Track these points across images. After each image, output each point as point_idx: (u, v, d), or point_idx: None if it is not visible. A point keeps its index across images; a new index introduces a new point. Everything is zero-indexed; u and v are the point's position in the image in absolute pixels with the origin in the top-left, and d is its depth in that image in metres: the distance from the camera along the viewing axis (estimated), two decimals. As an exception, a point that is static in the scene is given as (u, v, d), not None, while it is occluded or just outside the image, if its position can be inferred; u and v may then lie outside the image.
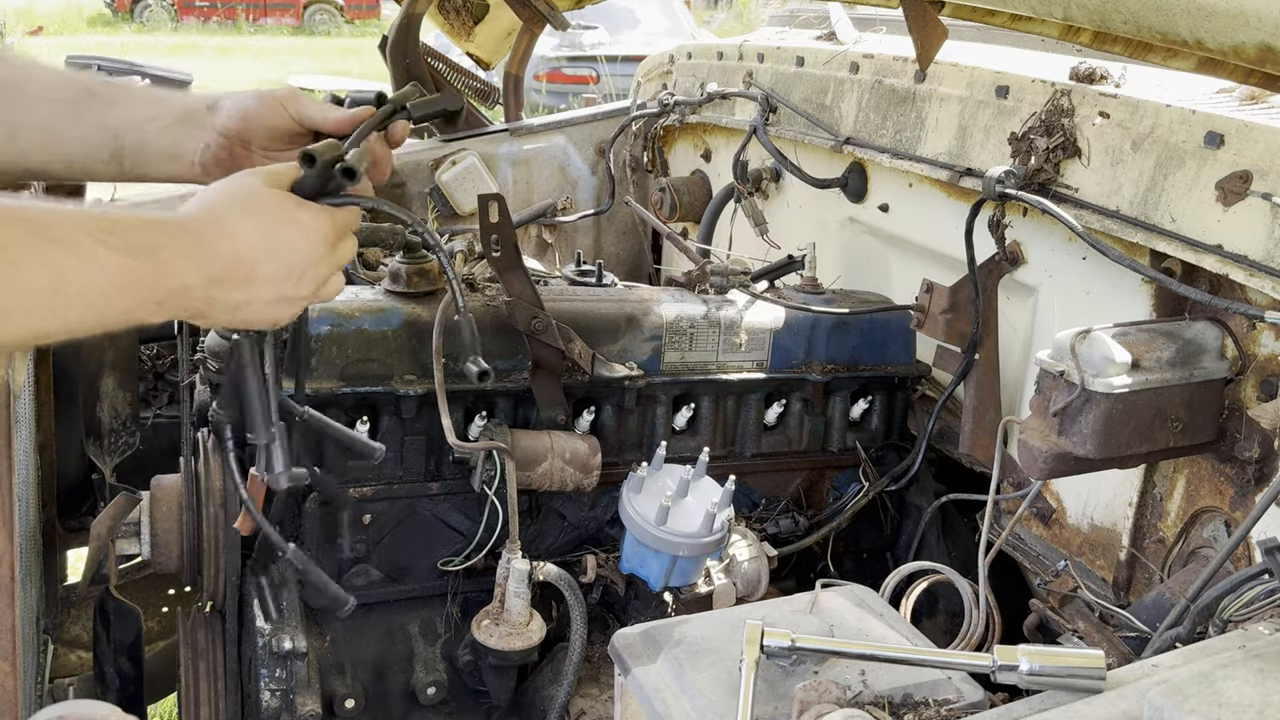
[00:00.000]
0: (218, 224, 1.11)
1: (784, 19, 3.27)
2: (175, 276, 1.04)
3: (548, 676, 1.94)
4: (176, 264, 1.05)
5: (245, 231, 1.12)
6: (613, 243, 3.47)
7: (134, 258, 0.99)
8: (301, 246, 1.18)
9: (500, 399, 1.99)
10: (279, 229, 1.16)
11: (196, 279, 1.07)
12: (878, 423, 2.33)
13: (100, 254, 0.96)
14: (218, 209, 1.13)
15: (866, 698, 1.12)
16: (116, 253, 0.98)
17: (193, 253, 1.07)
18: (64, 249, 0.93)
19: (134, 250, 1.00)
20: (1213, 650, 1.12)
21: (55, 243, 0.93)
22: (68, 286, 0.93)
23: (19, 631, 1.50)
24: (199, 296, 1.09)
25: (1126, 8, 1.40)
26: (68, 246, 0.94)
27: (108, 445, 2.33)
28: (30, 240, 0.91)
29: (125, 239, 0.99)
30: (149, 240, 1.03)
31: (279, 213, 1.16)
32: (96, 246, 0.96)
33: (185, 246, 1.07)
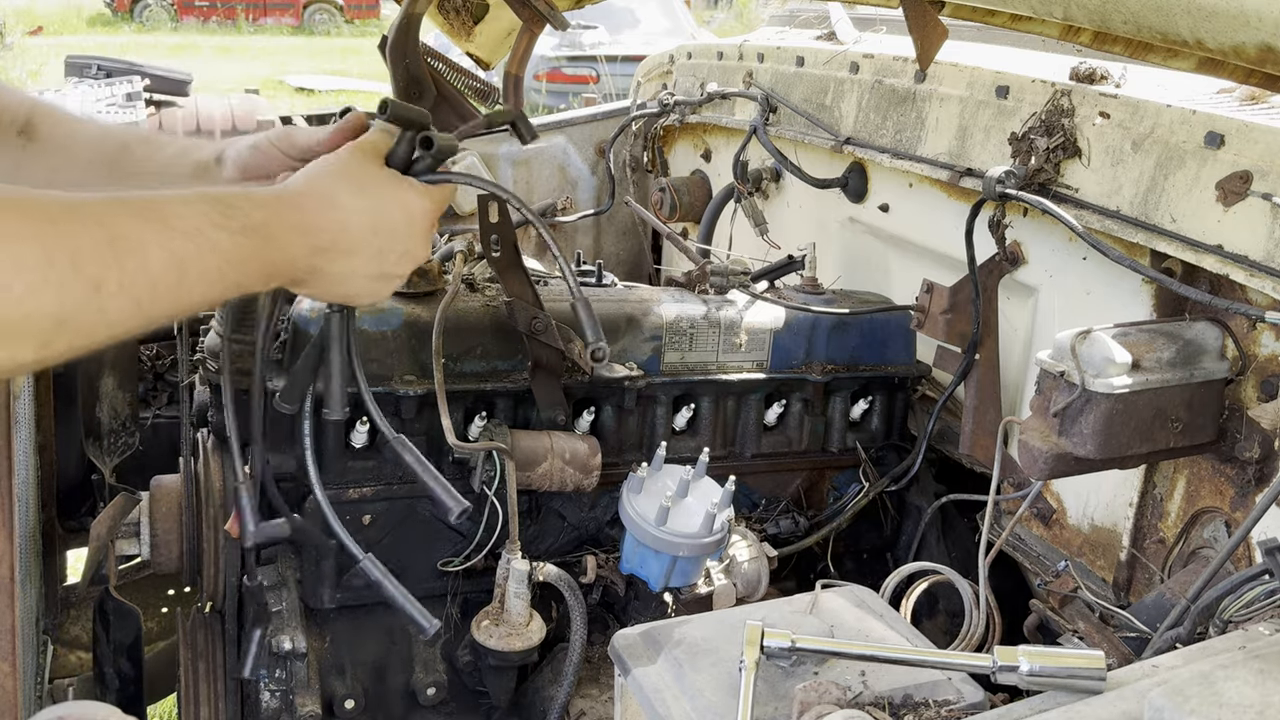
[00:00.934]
0: (329, 199, 1.16)
1: (784, 19, 3.27)
2: (283, 249, 1.10)
3: (548, 677, 1.94)
4: (285, 237, 1.10)
5: (356, 208, 1.18)
6: (613, 243, 3.47)
7: (246, 236, 1.05)
8: (405, 226, 1.24)
9: (500, 399, 1.99)
10: (388, 208, 1.21)
11: (302, 250, 1.13)
12: (878, 423, 2.33)
13: (216, 237, 1.01)
14: (328, 184, 1.18)
15: (866, 698, 1.12)
16: (231, 233, 1.03)
17: (300, 225, 1.13)
18: (187, 239, 0.98)
19: (247, 229, 1.05)
20: (1213, 651, 1.12)
21: (180, 233, 0.98)
22: (189, 272, 0.98)
23: (19, 632, 1.50)
24: (303, 266, 1.14)
25: (1126, 8, 1.40)
26: (190, 235, 0.99)
27: (107, 445, 2.33)
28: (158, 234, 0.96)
29: (240, 219, 1.05)
30: (261, 218, 1.08)
31: (389, 192, 1.22)
32: (214, 230, 1.01)
33: (294, 220, 1.12)
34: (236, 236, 1.04)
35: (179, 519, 1.91)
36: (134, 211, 0.96)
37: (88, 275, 0.89)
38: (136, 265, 0.93)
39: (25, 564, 1.64)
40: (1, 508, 1.46)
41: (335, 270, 1.18)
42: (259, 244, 1.07)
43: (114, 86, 5.36)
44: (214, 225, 1.02)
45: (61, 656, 2.30)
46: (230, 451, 1.51)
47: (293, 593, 1.87)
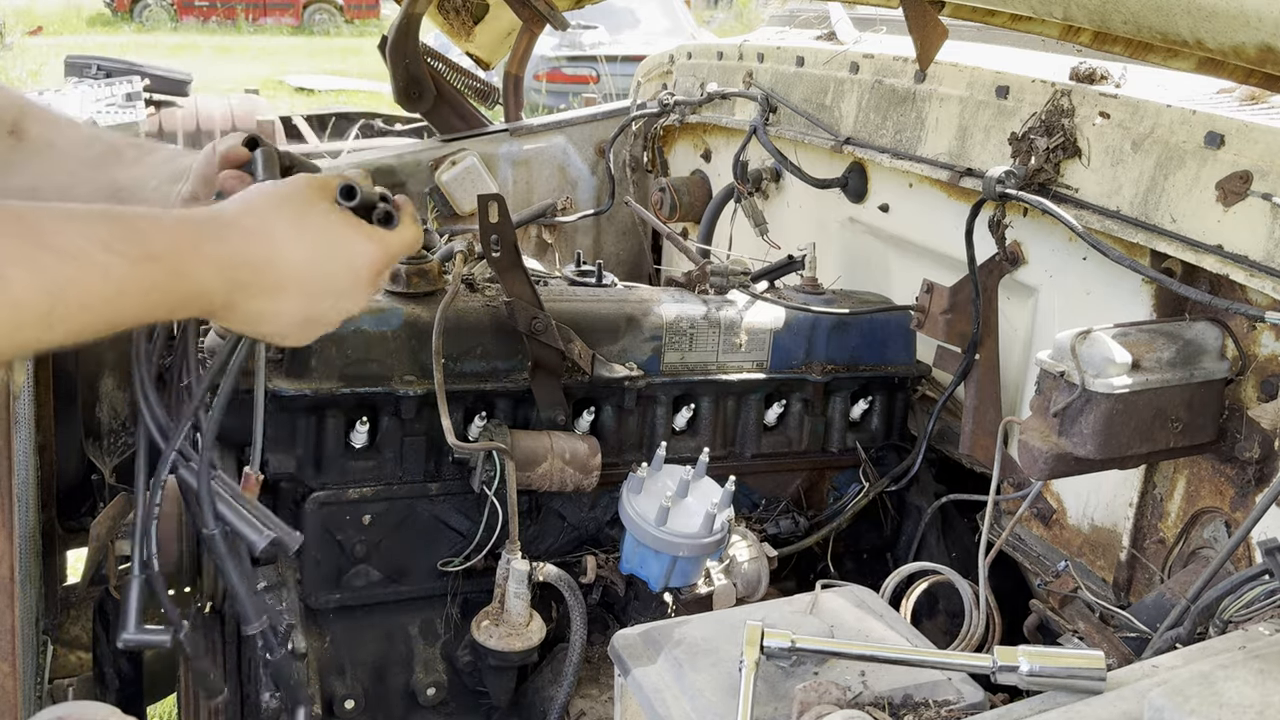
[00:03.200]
0: (260, 228, 1.04)
1: (784, 19, 3.27)
2: (193, 280, 0.98)
3: (548, 677, 1.94)
4: (196, 269, 0.98)
5: (290, 241, 1.05)
6: (613, 243, 3.47)
7: (147, 265, 0.93)
8: (347, 273, 1.10)
9: (500, 399, 1.99)
10: (331, 248, 1.08)
11: (217, 283, 1.00)
12: (878, 423, 2.33)
13: (105, 260, 0.89)
14: (264, 212, 1.06)
15: (866, 699, 1.12)
16: (125, 259, 0.91)
17: (219, 258, 1.00)
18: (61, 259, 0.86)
19: (146, 256, 0.93)
20: (1213, 651, 1.12)
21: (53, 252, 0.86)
22: (65, 297, 0.86)
23: (18, 632, 1.50)
24: (219, 301, 1.02)
25: (1126, 8, 1.40)
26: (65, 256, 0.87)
27: (107, 445, 2.33)
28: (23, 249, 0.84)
29: (139, 245, 0.93)
30: (166, 244, 0.96)
31: (334, 230, 1.09)
32: (104, 254, 0.89)
33: (211, 251, 1.00)
34: (136, 265, 0.91)
35: (179, 519, 1.91)
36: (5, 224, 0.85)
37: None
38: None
39: (25, 564, 1.64)
40: (1, 508, 1.46)
41: (255, 308, 1.05)
42: (162, 275, 0.94)
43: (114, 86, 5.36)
44: (105, 249, 0.89)
45: (61, 656, 2.29)
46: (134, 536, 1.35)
47: (292, 593, 1.87)
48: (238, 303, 1.03)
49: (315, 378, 1.84)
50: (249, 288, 1.03)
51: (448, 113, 3.15)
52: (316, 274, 1.08)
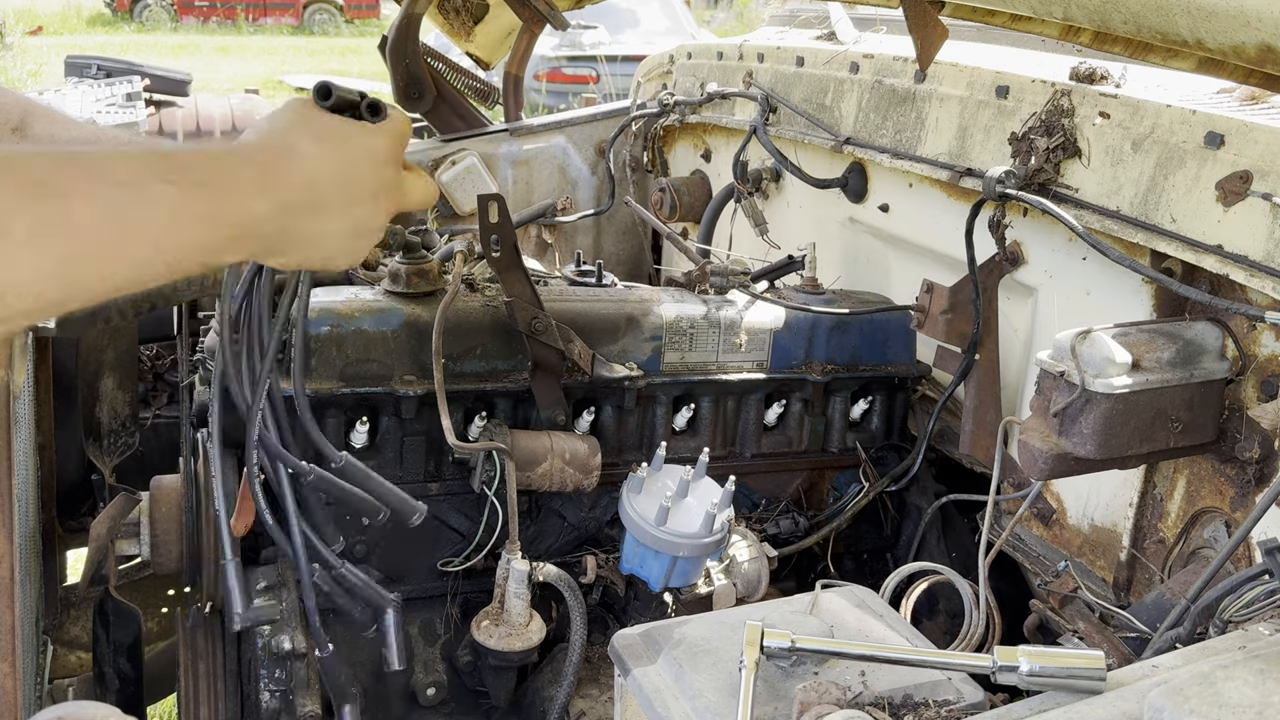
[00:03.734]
0: (288, 149, 1.05)
1: (784, 19, 3.27)
2: (242, 206, 0.98)
3: (548, 677, 1.94)
4: (241, 193, 0.98)
5: (316, 154, 1.06)
6: (613, 243, 3.47)
7: (198, 191, 0.94)
8: (371, 166, 1.12)
9: (500, 399, 1.99)
10: (348, 151, 1.09)
11: (266, 207, 1.00)
12: (878, 423, 2.33)
13: (159, 190, 0.90)
14: (285, 134, 1.07)
15: (866, 698, 1.12)
16: (177, 187, 0.92)
17: (260, 179, 1.01)
18: (119, 188, 0.88)
19: (196, 183, 0.94)
20: (1213, 651, 1.12)
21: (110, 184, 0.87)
22: (126, 228, 0.87)
23: (18, 632, 1.50)
24: (272, 228, 1.02)
25: (1126, 8, 1.40)
26: (123, 186, 0.88)
27: (107, 446, 2.33)
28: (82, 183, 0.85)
29: (188, 174, 0.93)
30: (213, 171, 0.97)
31: (345, 135, 1.11)
32: (156, 183, 0.90)
33: (251, 173, 1.01)
34: (186, 193, 0.92)
35: (179, 519, 1.91)
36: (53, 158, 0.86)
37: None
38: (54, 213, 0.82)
39: (25, 564, 1.64)
40: (1, 508, 1.46)
41: (309, 230, 1.06)
42: (215, 201, 0.95)
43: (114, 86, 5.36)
44: (157, 177, 0.90)
45: (61, 656, 2.29)
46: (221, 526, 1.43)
47: (293, 593, 1.87)
48: (290, 227, 1.04)
49: (315, 378, 1.84)
50: (295, 208, 1.04)
51: (448, 113, 3.15)
52: (348, 178, 1.09)
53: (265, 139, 1.06)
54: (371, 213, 1.13)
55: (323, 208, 1.07)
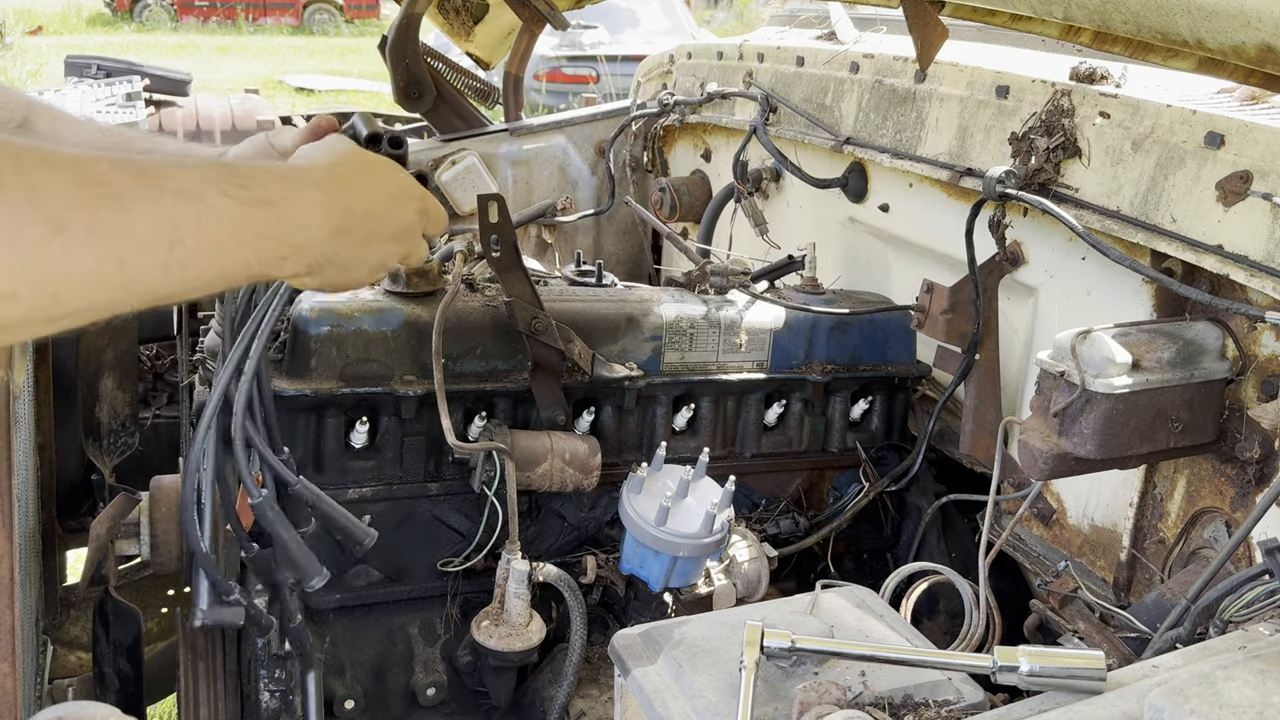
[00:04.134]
0: (345, 180, 1.10)
1: (784, 19, 3.27)
2: (302, 227, 1.01)
3: (548, 677, 1.94)
4: (304, 214, 1.02)
5: (369, 189, 1.12)
6: (613, 243, 3.47)
7: (258, 208, 0.95)
8: (407, 208, 1.20)
9: (500, 399, 1.99)
10: (393, 189, 1.17)
11: (324, 231, 1.04)
12: (878, 423, 2.33)
13: (220, 204, 0.91)
14: (342, 166, 1.12)
15: (867, 699, 1.12)
16: (239, 202, 0.93)
17: (325, 203, 1.05)
18: (180, 198, 0.88)
19: (258, 200, 0.96)
20: (1213, 651, 1.12)
21: (171, 193, 0.87)
22: (185, 237, 0.87)
23: (18, 632, 1.50)
24: (324, 252, 1.06)
25: (1126, 8, 1.40)
26: (184, 196, 0.88)
27: (107, 446, 2.33)
28: (144, 189, 0.85)
29: (250, 190, 0.95)
30: (276, 191, 0.99)
31: (392, 174, 1.18)
32: (216, 196, 0.91)
33: (318, 198, 1.05)
34: (249, 208, 0.93)
35: (179, 519, 1.91)
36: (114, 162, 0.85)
37: (48, 211, 0.78)
38: (114, 216, 0.82)
39: (25, 564, 1.64)
40: (1, 508, 1.46)
41: (350, 256, 1.10)
42: (275, 220, 0.97)
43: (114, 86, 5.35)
44: (219, 192, 0.91)
45: (61, 656, 2.29)
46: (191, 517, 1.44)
47: (293, 593, 1.87)
48: (338, 253, 1.08)
49: (315, 378, 1.84)
50: (349, 235, 1.08)
51: (448, 113, 3.15)
52: (392, 216, 1.16)
53: (331, 166, 1.11)
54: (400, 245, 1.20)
55: (374, 237, 1.13)
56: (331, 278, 1.12)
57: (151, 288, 0.87)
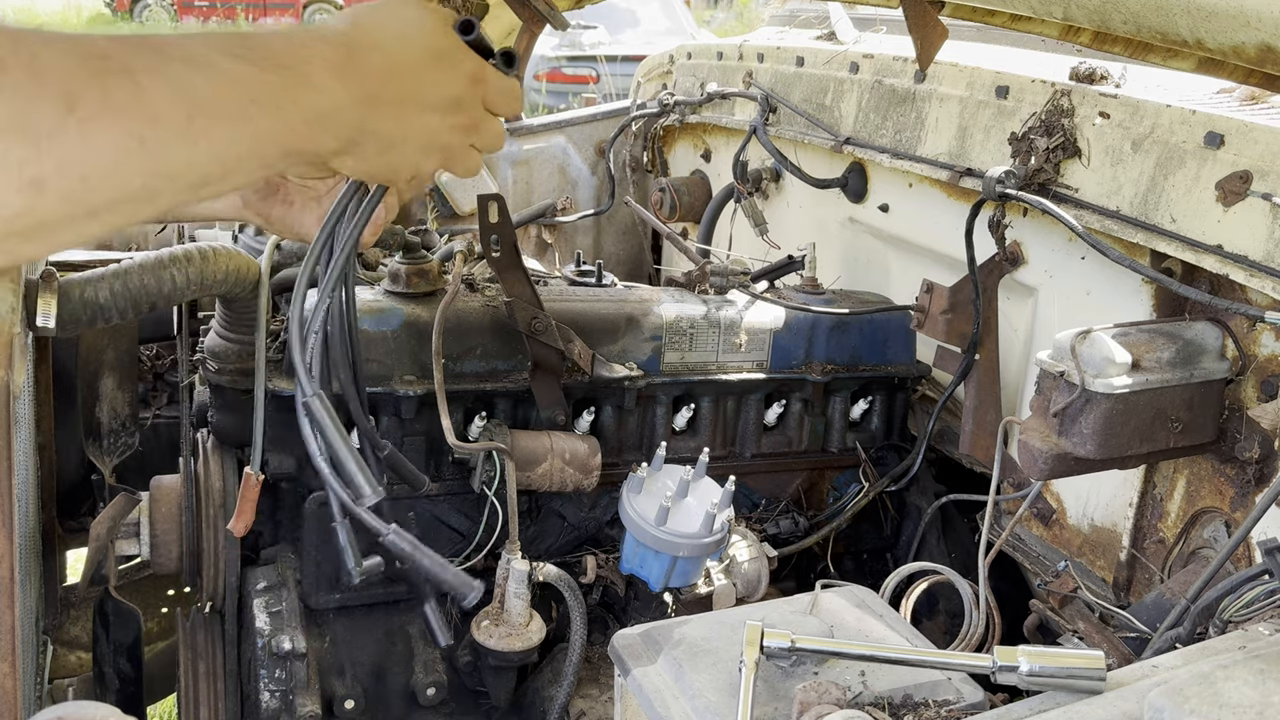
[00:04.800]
0: (371, 37, 0.99)
1: (784, 19, 3.27)
2: (321, 93, 0.93)
3: (548, 677, 1.94)
4: (320, 77, 0.93)
5: (402, 49, 1.01)
6: (613, 243, 3.47)
7: (272, 71, 0.88)
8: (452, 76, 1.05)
9: (500, 399, 1.99)
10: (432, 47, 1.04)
11: (344, 95, 0.95)
12: (878, 423, 2.33)
13: (233, 67, 0.85)
14: (372, 23, 1.01)
15: (866, 698, 1.12)
16: (250, 65, 0.87)
17: (341, 63, 0.95)
18: (189, 65, 0.82)
19: (270, 62, 0.89)
20: (1213, 651, 1.12)
21: (179, 61, 0.82)
22: (202, 106, 0.82)
23: (18, 632, 1.50)
24: (351, 120, 0.97)
25: (1126, 8, 1.40)
26: (193, 63, 0.83)
27: (107, 446, 2.32)
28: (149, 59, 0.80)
29: (259, 51, 0.88)
30: (286, 52, 0.91)
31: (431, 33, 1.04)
32: (228, 60, 0.85)
33: (332, 55, 0.95)
34: (264, 72, 0.87)
35: (179, 519, 1.91)
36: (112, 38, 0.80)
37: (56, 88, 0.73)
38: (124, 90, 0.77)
39: (25, 564, 1.64)
40: (1, 508, 1.46)
41: (385, 128, 1.00)
42: (291, 83, 0.89)
43: (114, 86, 5.36)
44: (230, 55, 0.85)
45: (61, 656, 2.29)
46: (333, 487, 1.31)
47: (293, 593, 1.87)
48: (369, 123, 0.98)
49: (315, 378, 1.83)
50: (374, 101, 0.98)
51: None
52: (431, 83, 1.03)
53: (349, 26, 1.00)
54: (445, 125, 1.06)
55: (403, 105, 1.01)
56: (373, 158, 1.03)
57: (183, 166, 0.83)
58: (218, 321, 1.91)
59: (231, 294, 1.84)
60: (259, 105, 0.87)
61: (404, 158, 1.05)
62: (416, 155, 1.05)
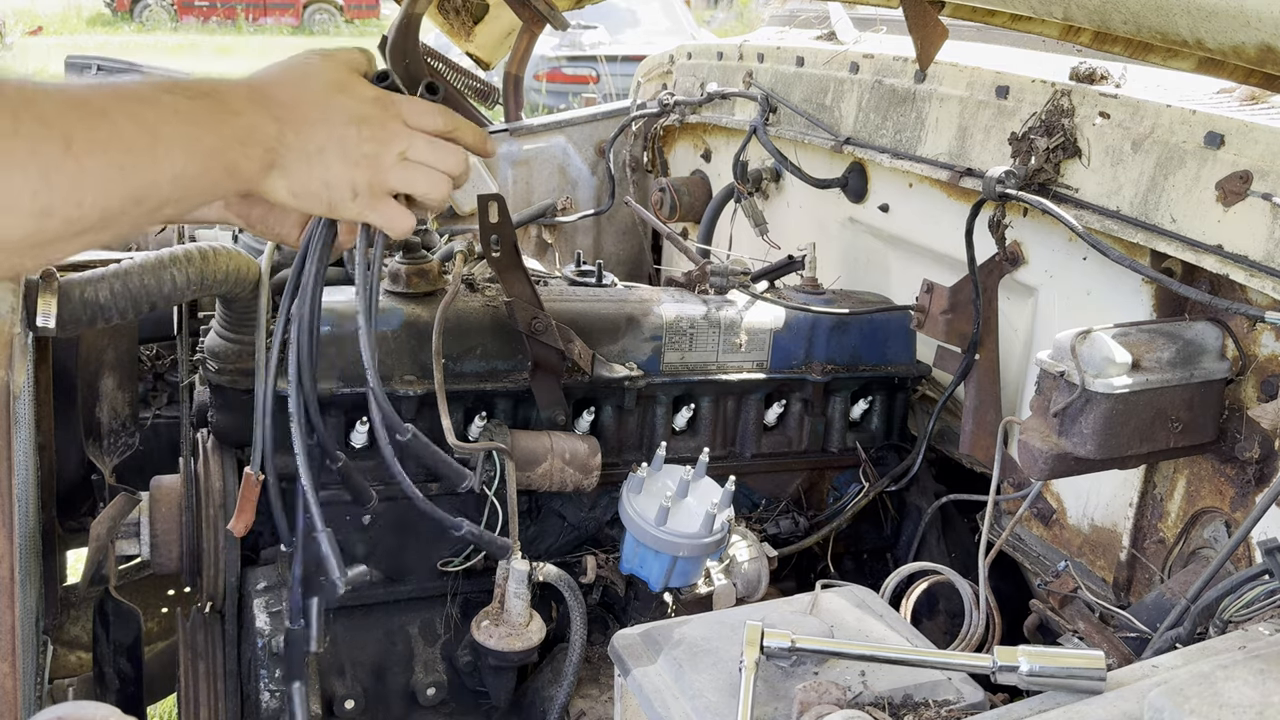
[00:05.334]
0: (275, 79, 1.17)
1: (784, 19, 3.27)
2: (241, 113, 1.10)
3: (548, 677, 1.94)
4: (238, 103, 1.10)
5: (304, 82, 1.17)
6: (613, 243, 3.47)
7: (200, 99, 1.06)
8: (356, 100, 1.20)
9: (500, 399, 1.99)
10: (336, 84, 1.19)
11: (263, 119, 1.12)
12: (878, 423, 2.33)
13: (175, 101, 1.03)
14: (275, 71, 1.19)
15: (866, 698, 1.12)
16: (187, 98, 1.05)
17: (252, 95, 1.13)
18: (144, 104, 1.01)
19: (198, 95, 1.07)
20: (1213, 651, 1.12)
21: (137, 100, 1.00)
22: (160, 135, 1.00)
23: (18, 632, 1.50)
24: (270, 132, 1.12)
25: (1126, 8, 1.40)
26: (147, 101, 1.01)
27: (107, 446, 2.32)
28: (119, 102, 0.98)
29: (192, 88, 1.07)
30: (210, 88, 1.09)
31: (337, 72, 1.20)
32: (169, 96, 1.03)
33: (243, 91, 1.12)
34: (196, 100, 1.05)
35: (179, 519, 1.91)
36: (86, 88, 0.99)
37: (57, 132, 0.90)
38: (105, 128, 0.95)
39: (25, 564, 1.64)
40: (1, 508, 1.46)
41: (305, 143, 1.14)
42: (218, 108, 1.07)
43: (114, 86, 5.36)
44: (168, 92, 1.03)
45: (61, 657, 2.29)
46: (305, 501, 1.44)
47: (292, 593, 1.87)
48: (289, 139, 1.13)
49: (315, 378, 1.84)
50: (289, 122, 1.14)
51: (448, 113, 3.14)
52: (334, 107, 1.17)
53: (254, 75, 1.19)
54: (359, 135, 1.18)
55: (309, 122, 1.15)
56: (302, 173, 1.15)
57: (148, 188, 0.99)
58: (218, 321, 1.91)
59: (232, 294, 1.84)
60: (199, 126, 1.05)
61: (329, 170, 1.16)
62: (340, 165, 1.17)
